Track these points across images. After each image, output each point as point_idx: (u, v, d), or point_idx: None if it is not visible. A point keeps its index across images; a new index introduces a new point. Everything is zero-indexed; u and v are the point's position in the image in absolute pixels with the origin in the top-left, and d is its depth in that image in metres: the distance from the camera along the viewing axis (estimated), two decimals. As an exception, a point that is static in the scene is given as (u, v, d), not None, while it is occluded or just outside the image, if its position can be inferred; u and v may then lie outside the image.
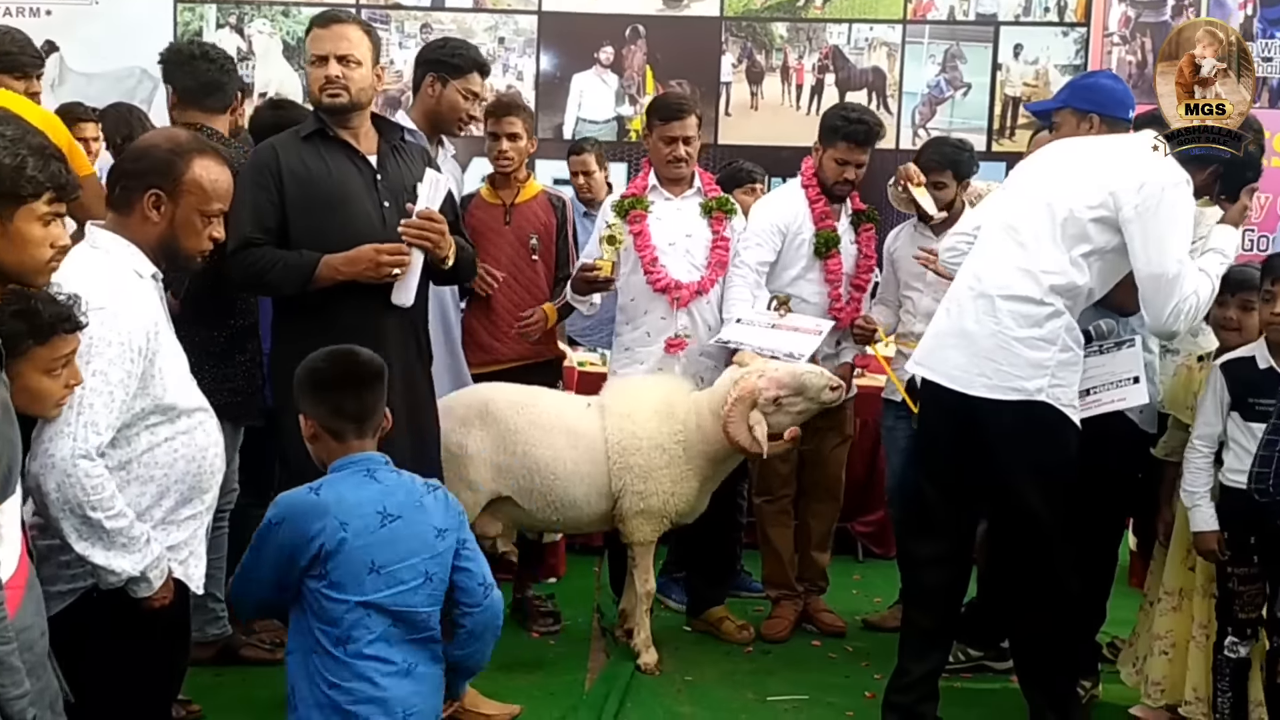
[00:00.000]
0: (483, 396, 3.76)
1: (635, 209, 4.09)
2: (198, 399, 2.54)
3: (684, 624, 4.32)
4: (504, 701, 3.49)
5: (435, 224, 3.17)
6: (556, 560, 4.90)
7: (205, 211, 2.54)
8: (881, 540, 5.34)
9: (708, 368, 4.10)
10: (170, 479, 2.45)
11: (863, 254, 4.22)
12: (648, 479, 3.69)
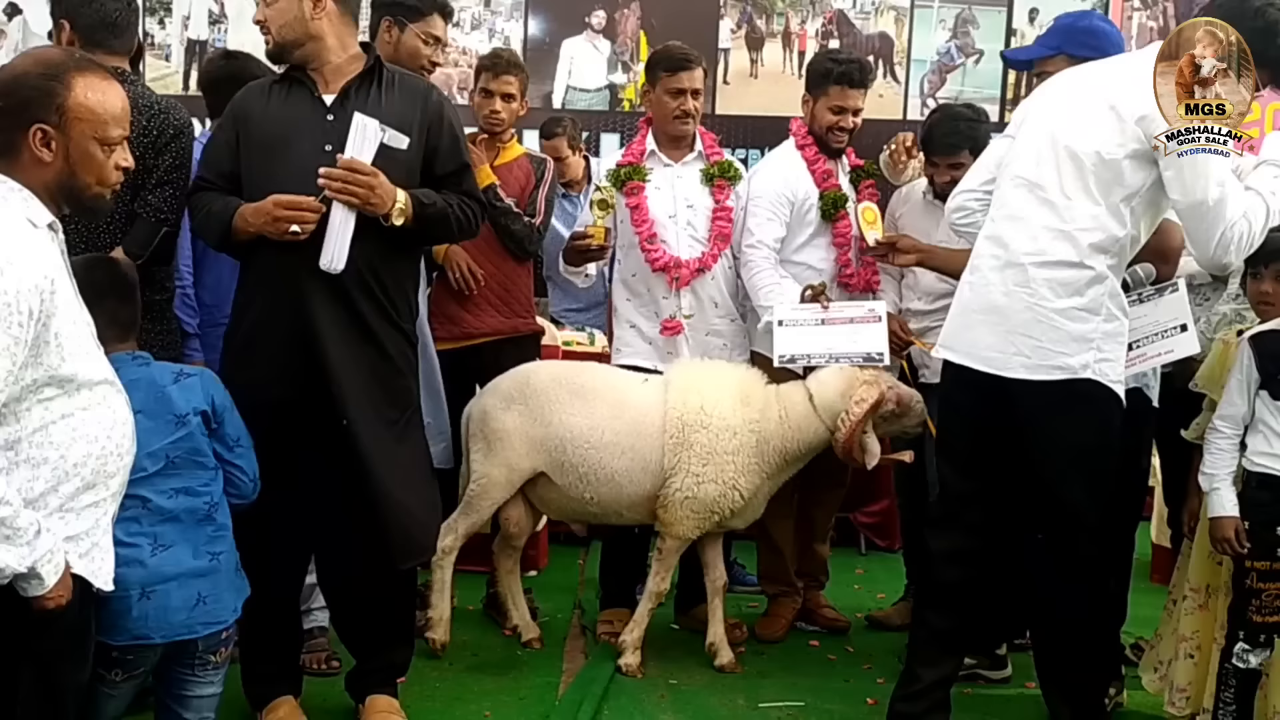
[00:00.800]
0: (525, 371, 3.63)
1: (633, 179, 3.77)
2: (102, 370, 2.21)
3: (671, 622, 4.00)
4: (468, 706, 3.19)
5: (360, 175, 2.74)
6: (537, 552, 4.60)
7: (103, 139, 2.19)
8: (886, 532, 5.09)
9: (717, 347, 3.80)
10: (68, 461, 2.12)
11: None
12: (709, 461, 3.37)
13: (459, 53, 6.10)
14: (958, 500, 2.96)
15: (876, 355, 3.57)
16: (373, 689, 3.03)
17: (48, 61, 2.21)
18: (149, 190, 3.04)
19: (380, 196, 2.77)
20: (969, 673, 3.50)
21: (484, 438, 3.53)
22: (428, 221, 2.88)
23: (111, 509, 2.24)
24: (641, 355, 3.80)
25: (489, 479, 3.52)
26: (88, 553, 2.18)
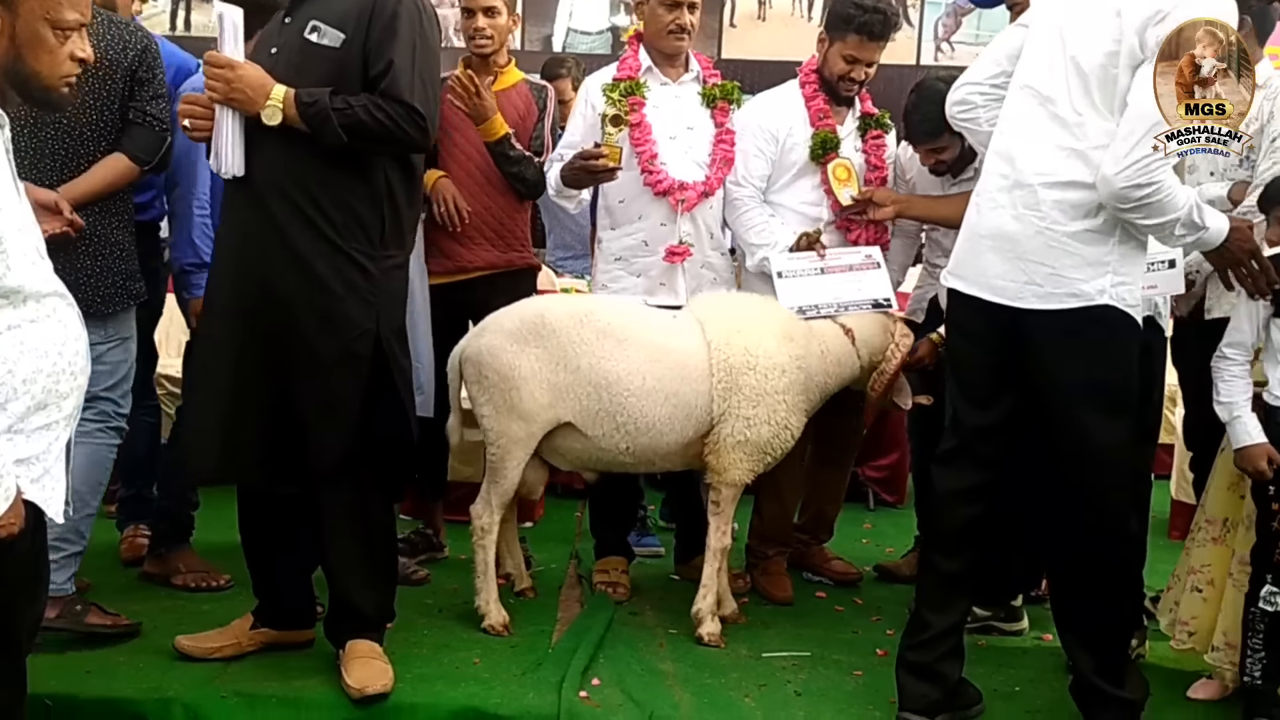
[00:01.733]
0: (536, 308, 3.28)
1: (633, 95, 3.54)
2: (51, 283, 2.03)
3: (670, 573, 3.85)
4: (457, 654, 3.04)
5: (223, 70, 2.60)
6: (534, 503, 4.44)
7: (55, 21, 2.01)
8: (893, 487, 4.97)
9: (709, 281, 3.61)
10: (16, 377, 1.94)
11: (870, 164, 3.67)
12: (760, 403, 3.17)
13: (456, -7, 5.90)
14: (972, 434, 2.77)
15: (884, 300, 3.47)
16: (348, 635, 2.87)
17: None
18: (146, 101, 3.06)
19: (241, 91, 2.61)
20: (983, 625, 3.36)
21: (492, 385, 3.18)
22: (311, 122, 2.64)
23: (65, 434, 2.06)
24: (629, 290, 3.58)
25: (508, 437, 3.19)
26: (39, 479, 2.00)
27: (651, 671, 3.00)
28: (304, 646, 3.03)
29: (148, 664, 2.90)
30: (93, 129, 3.01)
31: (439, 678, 2.89)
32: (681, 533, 3.88)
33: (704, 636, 3.23)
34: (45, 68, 2.02)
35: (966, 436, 2.79)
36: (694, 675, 2.99)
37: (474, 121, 3.57)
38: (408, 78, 2.67)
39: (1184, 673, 3.08)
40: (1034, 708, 2.89)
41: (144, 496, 3.73)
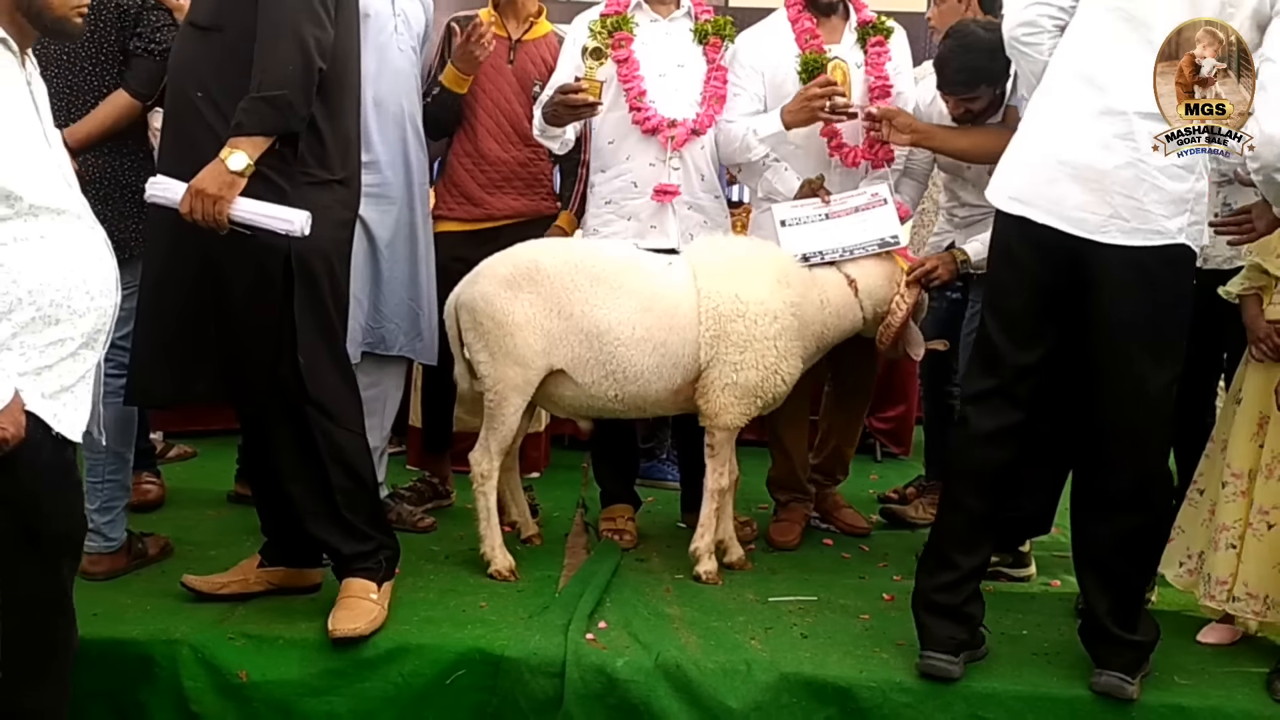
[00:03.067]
0: (530, 254, 3.24)
1: (620, 30, 3.47)
2: (66, 202, 2.05)
3: (677, 520, 3.84)
4: (463, 598, 3.03)
5: (191, 205, 2.56)
6: (539, 454, 4.45)
7: None
8: (900, 438, 4.97)
9: (698, 224, 3.55)
10: (21, 288, 1.96)
11: (873, 78, 3.54)
12: (747, 348, 3.14)
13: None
14: (1011, 373, 2.69)
15: (891, 239, 3.39)
16: (340, 573, 2.87)
17: None
18: (151, 30, 3.04)
19: (204, 201, 2.57)
20: (991, 570, 3.34)
21: (488, 331, 3.18)
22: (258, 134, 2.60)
23: (89, 356, 2.08)
24: (620, 234, 3.52)
25: (505, 383, 3.19)
26: (55, 394, 2.02)
27: (658, 615, 2.99)
28: (313, 589, 3.03)
29: (155, 606, 2.90)
30: (93, 63, 2.98)
31: (445, 620, 2.88)
32: (688, 480, 3.86)
33: (701, 575, 3.25)
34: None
35: (1005, 375, 2.70)
36: (700, 619, 2.98)
37: (457, 65, 3.55)
38: (274, 58, 2.58)
39: (1192, 617, 3.07)
40: (1041, 650, 2.87)
41: (140, 446, 3.73)
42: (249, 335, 2.71)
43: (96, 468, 3.07)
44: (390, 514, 3.60)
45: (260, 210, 2.58)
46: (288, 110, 2.59)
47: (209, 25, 2.66)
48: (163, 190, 2.59)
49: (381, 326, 3.46)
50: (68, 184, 2.09)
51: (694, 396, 3.24)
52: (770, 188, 3.57)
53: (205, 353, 2.73)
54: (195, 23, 2.71)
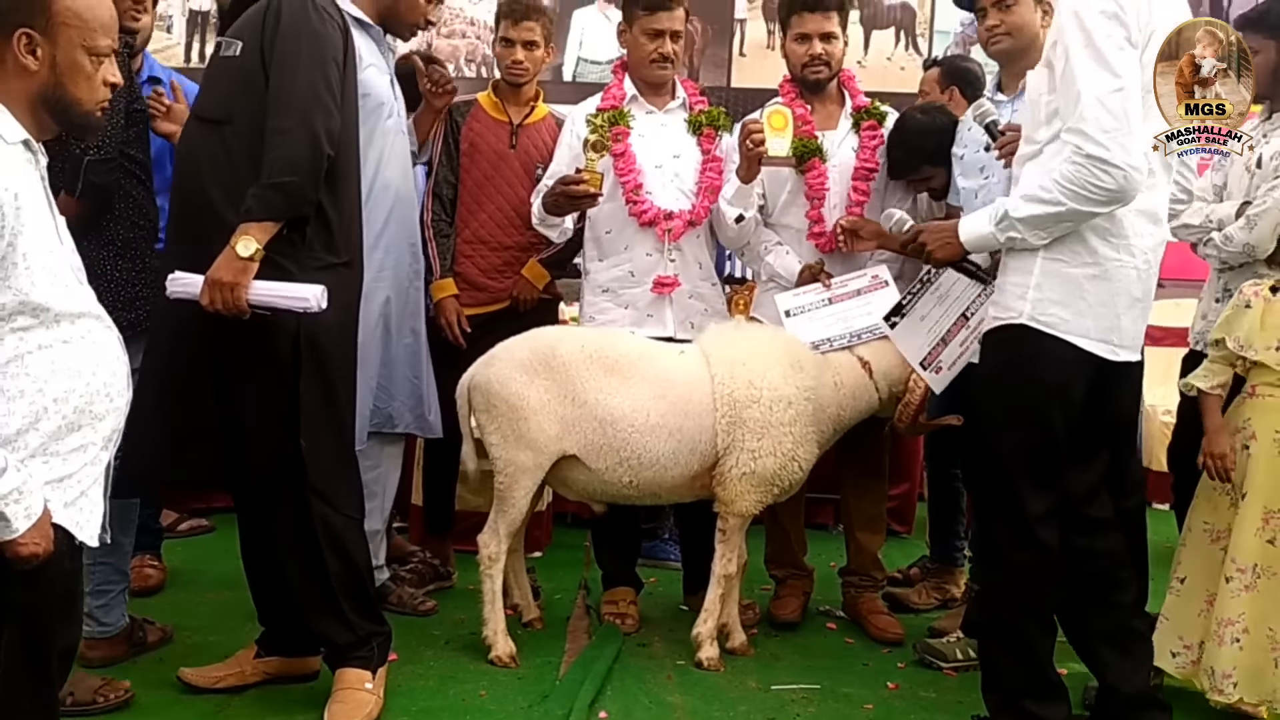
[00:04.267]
0: (549, 340, 3.27)
1: (617, 125, 3.53)
2: (84, 303, 2.07)
3: (679, 603, 3.81)
4: (463, 685, 3.01)
5: (212, 295, 2.63)
6: (541, 532, 4.43)
7: (91, 48, 2.06)
8: (903, 516, 4.92)
9: (698, 312, 3.59)
10: (47, 396, 1.97)
11: (862, 162, 3.57)
12: (764, 435, 3.15)
13: (466, 23, 5.93)
14: (1065, 456, 2.70)
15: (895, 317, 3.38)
16: (333, 664, 2.85)
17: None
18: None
19: (223, 288, 2.63)
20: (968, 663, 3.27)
21: (501, 414, 3.19)
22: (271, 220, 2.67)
23: (104, 457, 2.09)
24: (617, 323, 3.56)
25: (516, 466, 3.20)
26: (74, 501, 2.02)
27: (659, 704, 2.96)
28: (310, 678, 3.01)
29: (151, 699, 2.88)
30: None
31: (444, 710, 2.86)
32: (689, 562, 3.84)
33: (703, 661, 3.23)
34: (84, 94, 2.08)
35: (1060, 455, 2.69)
36: (702, 708, 2.96)
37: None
38: (283, 146, 2.64)
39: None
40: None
41: (150, 526, 3.73)
42: (254, 419, 2.73)
43: (89, 552, 3.06)
44: (391, 597, 3.60)
45: (277, 291, 2.63)
46: (296, 196, 2.65)
47: (218, 118, 2.72)
48: (183, 286, 2.64)
49: (388, 405, 3.47)
50: (80, 282, 2.11)
51: (710, 484, 3.24)
52: (772, 271, 3.60)
53: (206, 437, 2.74)
54: (202, 116, 2.77)
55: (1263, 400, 2.98)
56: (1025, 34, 3.20)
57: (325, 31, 2.72)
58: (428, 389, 3.50)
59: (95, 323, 2.07)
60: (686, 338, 3.54)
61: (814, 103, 3.62)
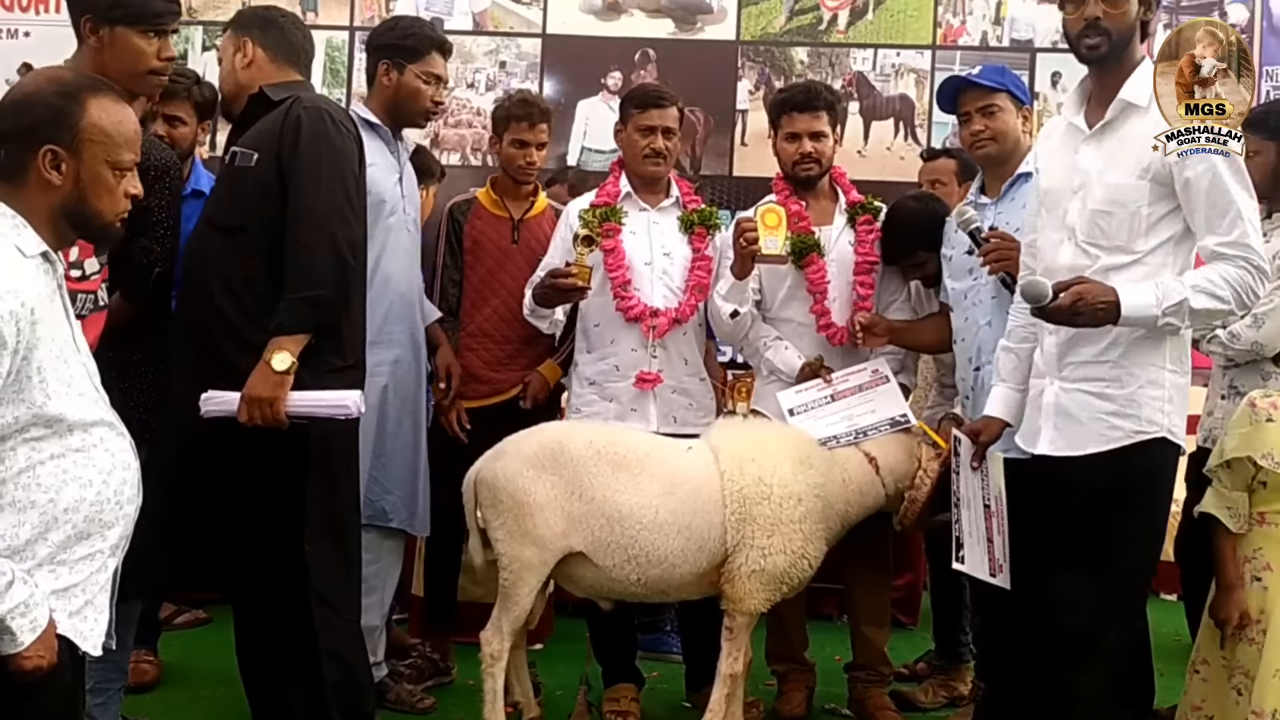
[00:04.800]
0: (556, 436, 3.29)
1: (609, 220, 3.59)
2: (98, 411, 2.06)
3: (682, 700, 3.76)
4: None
5: (252, 411, 2.71)
6: (543, 623, 4.37)
7: (115, 163, 2.08)
8: (909, 607, 4.87)
9: (682, 407, 3.61)
10: (58, 506, 1.96)
11: (861, 256, 3.63)
12: (774, 532, 3.14)
13: (473, 114, 6.02)
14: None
15: (901, 418, 3.42)
16: None
17: (62, 81, 2.13)
18: (141, 233, 2.97)
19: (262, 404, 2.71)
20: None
21: (507, 510, 3.17)
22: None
23: (111, 564, 2.07)
24: (600, 416, 3.58)
25: (521, 562, 3.18)
26: (79, 610, 2.00)
27: (663, 807, 2.91)
28: None
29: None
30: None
31: (443, 815, 2.81)
32: (693, 658, 3.80)
33: None
34: (106, 206, 2.10)
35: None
36: (707, 812, 2.90)
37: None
38: (309, 217, 2.73)
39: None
40: None
41: (148, 620, 3.69)
42: (258, 521, 2.73)
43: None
44: (389, 694, 3.55)
45: (314, 400, 2.70)
46: (326, 309, 2.73)
47: (232, 226, 2.77)
48: (218, 405, 2.68)
49: (382, 499, 3.47)
50: (96, 389, 2.11)
51: (719, 581, 3.21)
52: (772, 366, 3.62)
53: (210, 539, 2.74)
54: (214, 222, 2.81)
55: (1275, 529, 2.90)
56: (1009, 139, 3.29)
57: (343, 145, 2.82)
58: (423, 487, 3.50)
59: (108, 430, 2.07)
60: (670, 432, 3.55)
61: (808, 199, 3.68)
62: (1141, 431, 2.65)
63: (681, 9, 6.02)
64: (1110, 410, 2.67)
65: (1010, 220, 3.25)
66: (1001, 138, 3.29)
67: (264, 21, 3.03)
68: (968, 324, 3.35)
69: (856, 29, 6.02)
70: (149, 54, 2.73)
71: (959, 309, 3.39)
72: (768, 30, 6.03)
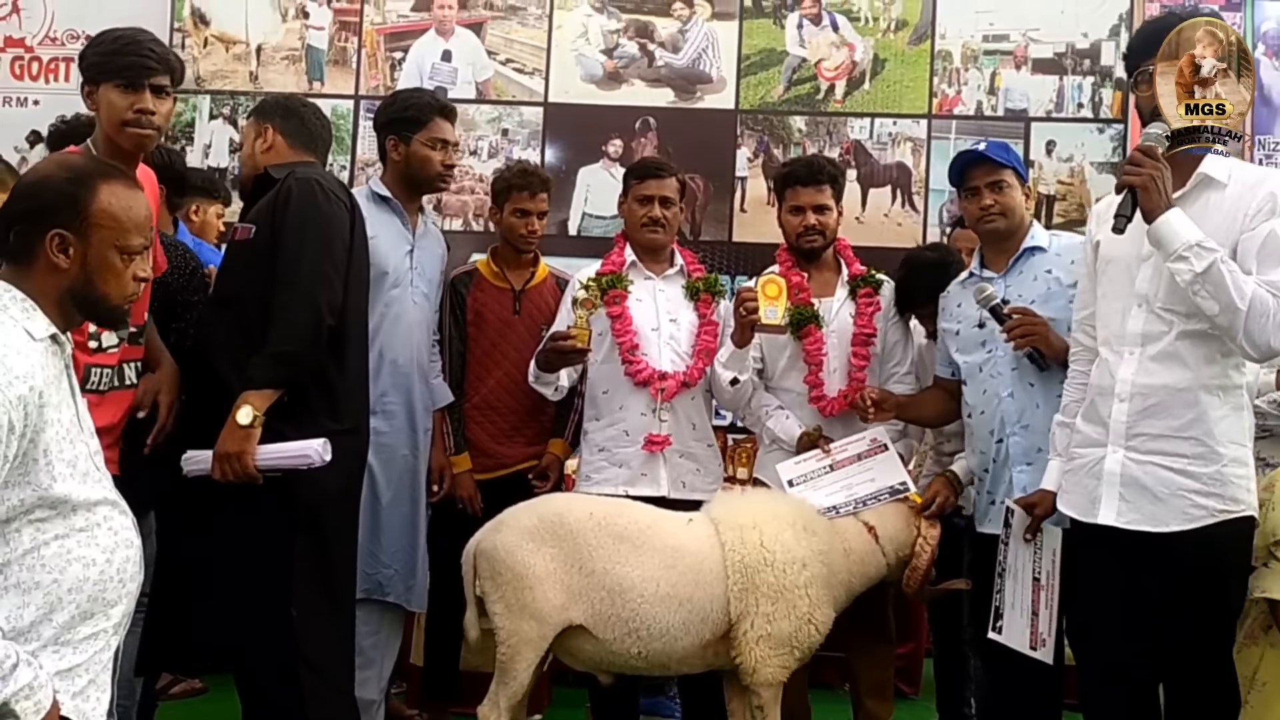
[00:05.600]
0: (556, 508, 3.28)
1: (615, 288, 3.64)
2: (102, 490, 2.08)
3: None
4: None
5: (224, 466, 2.77)
6: (541, 693, 4.35)
7: (123, 247, 2.12)
8: (911, 677, 4.82)
9: (691, 471, 3.62)
10: (62, 586, 1.97)
11: (859, 325, 3.67)
12: (779, 598, 3.13)
13: (475, 180, 6.10)
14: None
15: (900, 486, 3.43)
16: None
17: (73, 166, 2.17)
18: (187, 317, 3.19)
19: (230, 460, 2.76)
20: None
21: (506, 583, 3.15)
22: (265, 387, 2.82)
23: (114, 642, 2.08)
24: (611, 481, 3.60)
25: (519, 637, 3.15)
26: (82, 690, 2.00)
27: None
28: None
29: None
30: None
31: None
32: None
33: None
34: (113, 290, 2.13)
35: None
36: None
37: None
38: (285, 317, 2.78)
39: None
40: None
41: (145, 690, 3.66)
42: (246, 583, 2.73)
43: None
44: (387, 766, 3.52)
45: (281, 451, 2.71)
46: (292, 364, 2.75)
47: (230, 297, 2.81)
48: (196, 464, 2.69)
49: (378, 572, 3.46)
50: (99, 468, 2.12)
51: (725, 652, 3.19)
52: (773, 435, 3.64)
53: (199, 608, 2.75)
54: (215, 294, 2.86)
55: None
56: (1016, 214, 3.32)
57: (330, 210, 2.87)
58: (421, 561, 3.49)
59: (110, 508, 2.08)
60: (680, 497, 3.56)
61: (811, 270, 3.72)
62: (1227, 510, 2.60)
63: (681, 78, 6.13)
64: (1194, 489, 2.60)
65: (1022, 294, 3.29)
66: (1010, 213, 3.32)
67: (285, 110, 3.17)
68: (986, 396, 3.34)
69: (854, 98, 6.12)
70: (122, 106, 2.81)
71: (974, 382, 3.39)
72: (766, 99, 6.13)
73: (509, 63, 6.19)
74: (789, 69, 6.13)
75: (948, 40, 6.07)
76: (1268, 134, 5.84)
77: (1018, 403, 3.24)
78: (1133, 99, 2.86)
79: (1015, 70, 6.05)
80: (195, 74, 6.12)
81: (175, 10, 6.19)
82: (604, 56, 6.16)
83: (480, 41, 6.21)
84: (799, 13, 6.14)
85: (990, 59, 6.05)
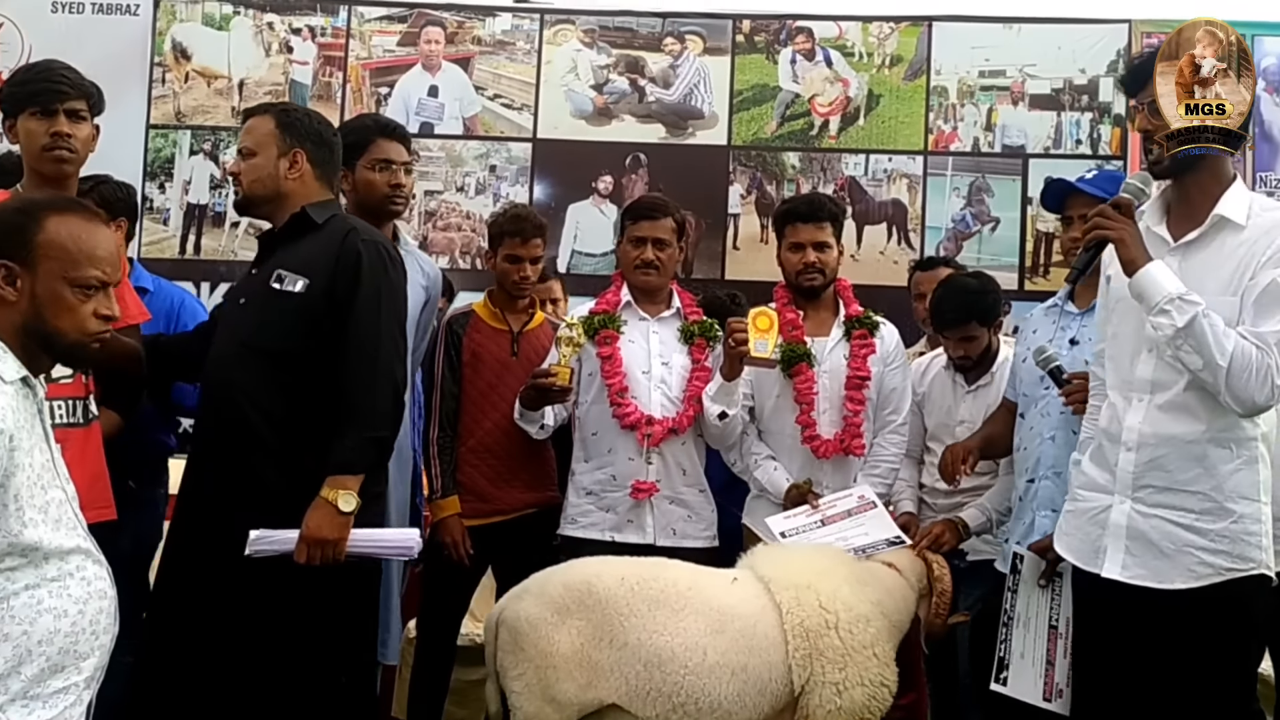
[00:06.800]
0: (585, 575, 3.01)
1: (606, 328, 3.54)
2: (75, 538, 2.00)
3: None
4: None
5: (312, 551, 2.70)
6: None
7: (75, 279, 2.04)
8: (915, 730, 4.63)
9: (680, 519, 3.52)
10: (32, 639, 1.89)
11: (853, 368, 3.59)
12: (847, 664, 2.89)
13: (462, 217, 5.98)
14: None
15: (896, 539, 3.34)
16: None
17: (24, 200, 2.16)
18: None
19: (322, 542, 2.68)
20: None
21: (528, 659, 2.89)
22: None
23: (86, 696, 1.98)
24: (597, 526, 3.50)
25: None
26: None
27: None
28: None
29: None
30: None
31: None
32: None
33: None
34: (67, 325, 2.04)
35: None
36: None
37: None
38: (365, 333, 2.73)
39: None
40: None
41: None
42: (279, 640, 2.68)
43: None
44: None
45: (377, 539, 2.68)
46: (388, 449, 2.75)
47: (276, 351, 2.71)
48: (270, 544, 2.59)
49: None
50: (75, 515, 2.04)
51: None
52: (760, 486, 3.56)
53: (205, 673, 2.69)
54: (253, 345, 2.73)
55: None
56: None
57: (397, 281, 2.84)
58: (394, 614, 3.38)
59: (84, 558, 2.00)
60: (668, 545, 3.45)
61: (808, 309, 3.66)
62: (1235, 569, 2.49)
63: (673, 114, 6.04)
64: (1201, 545, 2.50)
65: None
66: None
67: (318, 137, 2.99)
68: (1031, 433, 3.27)
69: (848, 134, 6.04)
70: (39, 133, 2.82)
71: (1027, 416, 3.32)
72: (759, 135, 6.04)
73: (497, 98, 6.08)
74: (782, 104, 6.04)
75: (943, 76, 5.99)
76: (1269, 171, 5.75)
77: (1058, 448, 3.15)
78: (1132, 131, 2.78)
79: (1012, 106, 5.97)
80: (176, 109, 6.00)
81: (156, 44, 6.06)
82: (594, 92, 6.07)
83: (468, 77, 6.11)
84: (792, 48, 6.06)
85: (987, 95, 5.98)
